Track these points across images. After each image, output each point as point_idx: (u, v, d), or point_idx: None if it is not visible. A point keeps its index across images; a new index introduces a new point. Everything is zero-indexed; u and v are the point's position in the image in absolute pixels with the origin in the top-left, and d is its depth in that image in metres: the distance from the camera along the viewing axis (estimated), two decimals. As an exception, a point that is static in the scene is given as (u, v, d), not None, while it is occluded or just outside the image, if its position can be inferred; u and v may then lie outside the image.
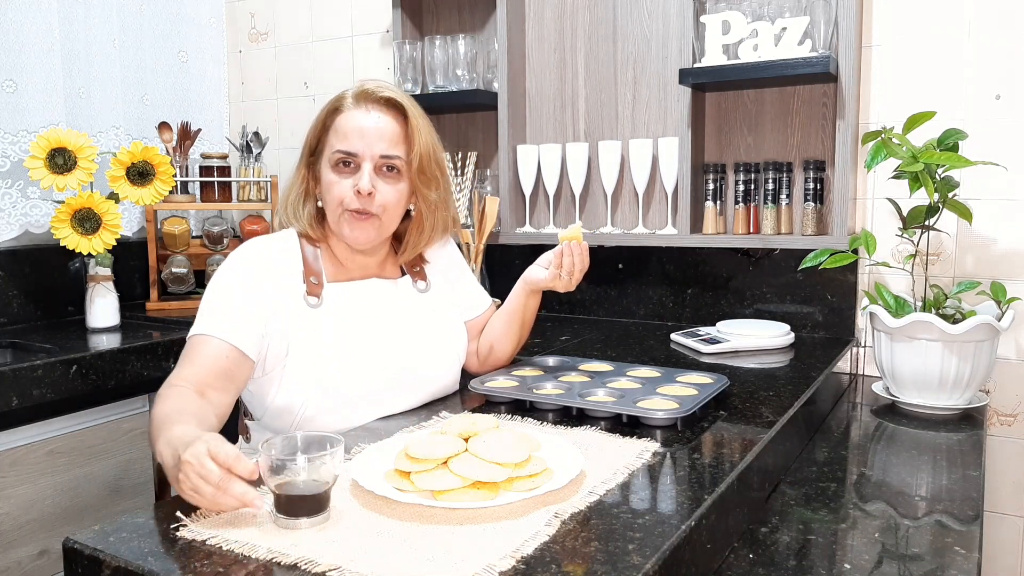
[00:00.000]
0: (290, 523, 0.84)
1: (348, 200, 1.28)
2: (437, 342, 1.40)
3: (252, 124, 2.63)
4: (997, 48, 1.74)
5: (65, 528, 1.75)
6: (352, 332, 1.30)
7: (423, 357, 1.37)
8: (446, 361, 1.41)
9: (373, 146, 1.27)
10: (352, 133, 1.27)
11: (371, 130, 1.27)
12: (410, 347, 1.35)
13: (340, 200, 1.28)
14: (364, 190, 1.26)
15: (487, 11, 2.25)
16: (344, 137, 1.28)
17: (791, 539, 1.07)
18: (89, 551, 0.81)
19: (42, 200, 2.17)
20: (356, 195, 1.27)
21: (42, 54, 2.11)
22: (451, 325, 1.45)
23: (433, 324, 1.41)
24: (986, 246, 1.79)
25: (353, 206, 1.28)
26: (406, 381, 1.34)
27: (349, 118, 1.28)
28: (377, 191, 1.28)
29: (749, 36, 1.80)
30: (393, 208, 1.31)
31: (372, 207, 1.28)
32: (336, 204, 1.29)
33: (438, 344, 1.40)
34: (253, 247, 1.31)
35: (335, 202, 1.29)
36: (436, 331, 1.41)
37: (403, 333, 1.35)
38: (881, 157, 1.58)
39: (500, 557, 0.77)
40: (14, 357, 1.87)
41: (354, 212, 1.28)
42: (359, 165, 1.28)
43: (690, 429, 1.18)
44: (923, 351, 1.56)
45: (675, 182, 2.00)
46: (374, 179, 1.28)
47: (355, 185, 1.27)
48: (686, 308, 2.12)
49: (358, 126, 1.27)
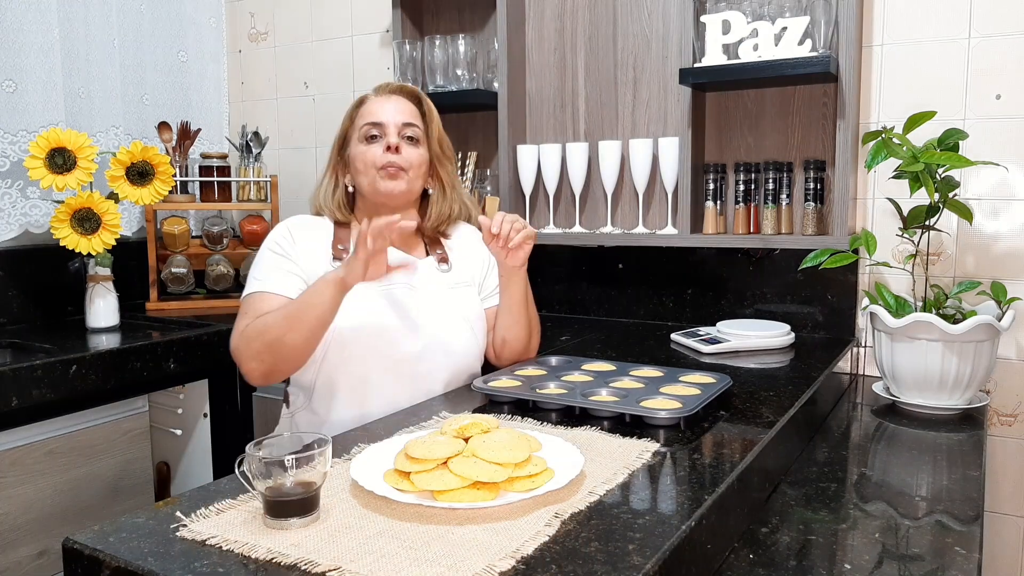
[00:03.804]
0: (280, 524, 0.84)
1: (379, 159, 1.46)
2: (456, 315, 1.50)
3: (252, 124, 2.63)
4: (997, 48, 1.74)
5: (65, 528, 1.75)
6: (372, 290, 1.41)
7: (442, 325, 1.47)
8: (464, 334, 1.49)
9: (395, 117, 1.49)
10: (378, 111, 1.49)
11: (392, 108, 1.50)
12: (428, 313, 1.46)
13: (373, 162, 1.46)
14: (393, 144, 1.46)
15: (487, 11, 2.25)
16: (371, 114, 1.49)
17: (791, 539, 1.07)
18: (89, 551, 0.81)
19: (42, 200, 2.17)
20: (386, 151, 1.45)
21: (42, 54, 2.11)
22: (470, 303, 1.53)
23: (452, 299, 1.51)
24: (986, 246, 1.79)
25: (384, 161, 1.45)
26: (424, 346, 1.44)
27: (373, 103, 1.51)
28: (403, 150, 1.47)
29: (749, 36, 1.80)
30: (416, 167, 1.49)
31: (401, 162, 1.46)
32: (369, 167, 1.46)
33: (456, 316, 1.49)
34: (286, 221, 1.52)
35: (368, 165, 1.47)
36: (455, 305, 1.50)
37: (421, 299, 1.47)
38: (881, 157, 1.58)
39: (500, 557, 0.77)
40: (14, 357, 1.87)
41: (386, 167, 1.45)
42: (385, 133, 1.47)
43: (691, 429, 1.18)
44: (923, 351, 1.56)
45: (675, 182, 2.00)
46: (399, 140, 1.47)
47: (385, 144, 1.46)
48: (686, 308, 2.12)
49: (382, 106, 1.50)
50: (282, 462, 0.86)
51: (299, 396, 1.49)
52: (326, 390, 1.43)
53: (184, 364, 1.91)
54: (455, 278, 1.54)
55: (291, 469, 0.86)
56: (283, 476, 0.85)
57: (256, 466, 0.86)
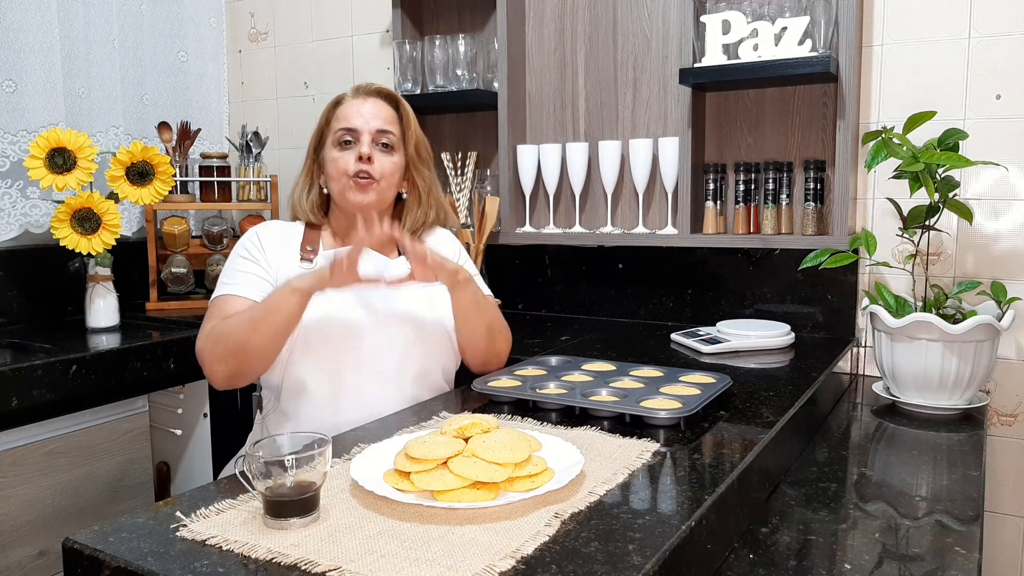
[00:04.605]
0: (280, 524, 0.84)
1: (351, 167, 1.43)
2: (425, 309, 1.46)
3: (252, 124, 2.63)
4: (997, 48, 1.74)
5: (65, 528, 1.75)
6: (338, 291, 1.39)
7: (409, 318, 1.45)
8: (431, 326, 1.46)
9: (370, 123, 1.46)
10: (353, 115, 1.46)
11: (368, 112, 1.47)
12: (396, 308, 1.44)
13: (344, 170, 1.44)
14: (364, 155, 1.43)
15: (487, 11, 2.25)
16: (346, 119, 1.47)
17: (791, 539, 1.07)
18: (89, 551, 0.81)
19: (42, 200, 2.17)
20: (357, 160, 1.43)
21: (42, 54, 2.11)
22: (443, 300, 1.45)
23: (425, 296, 1.47)
24: (986, 246, 1.79)
25: (355, 170, 1.43)
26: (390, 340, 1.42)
27: (349, 106, 1.48)
28: (375, 160, 1.44)
29: (749, 36, 1.80)
30: (389, 176, 1.47)
31: (373, 172, 1.43)
32: (340, 175, 1.44)
33: (425, 310, 1.46)
34: (257, 226, 1.52)
35: (340, 173, 1.44)
36: (428, 302, 1.47)
37: (394, 297, 1.44)
38: (881, 157, 1.58)
39: (500, 557, 0.77)
40: (14, 357, 1.87)
41: (356, 178, 1.43)
42: (359, 139, 1.45)
43: (691, 429, 1.18)
44: (923, 351, 1.56)
45: (675, 182, 2.00)
46: (373, 149, 1.45)
47: (356, 153, 1.44)
48: (686, 308, 2.12)
49: (357, 110, 1.47)
50: (282, 462, 0.86)
51: (270, 398, 1.48)
52: (294, 389, 1.41)
53: (184, 364, 1.90)
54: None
55: (291, 469, 0.86)
56: (283, 476, 0.85)
57: (256, 466, 0.86)
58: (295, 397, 1.41)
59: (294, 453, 0.87)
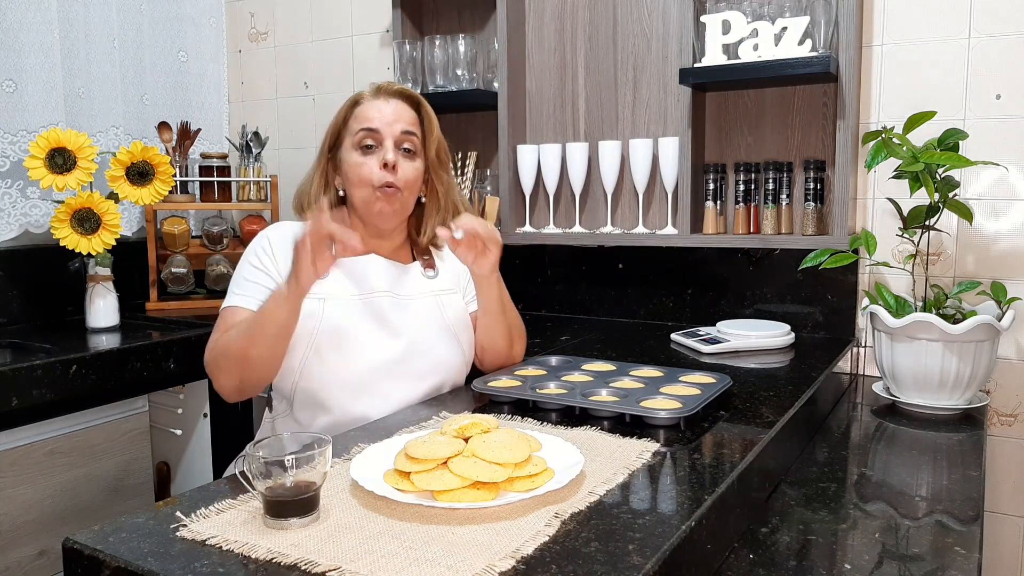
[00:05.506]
0: (280, 524, 0.84)
1: (377, 177, 1.39)
2: (438, 322, 1.45)
3: (252, 124, 2.63)
4: (997, 48, 1.74)
5: (65, 528, 1.75)
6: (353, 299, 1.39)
7: (423, 333, 1.42)
8: (445, 341, 1.45)
9: (393, 125, 1.41)
10: (374, 116, 1.41)
11: (390, 113, 1.42)
12: (409, 322, 1.42)
13: (369, 179, 1.39)
14: (390, 162, 1.38)
15: (487, 11, 2.25)
16: (367, 119, 1.41)
17: (791, 539, 1.07)
18: (89, 551, 0.81)
19: (42, 200, 2.17)
20: (382, 168, 1.38)
21: (42, 54, 2.11)
22: (455, 309, 1.49)
23: (436, 306, 1.46)
24: (986, 246, 1.79)
25: (382, 181, 1.38)
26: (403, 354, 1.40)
27: (369, 106, 1.43)
28: (399, 168, 1.40)
29: (749, 36, 1.80)
30: (412, 184, 1.43)
31: (397, 182, 1.39)
32: (365, 184, 1.40)
33: (439, 324, 1.45)
34: (269, 229, 1.46)
35: (364, 182, 1.40)
36: (438, 312, 1.47)
37: (404, 307, 1.43)
38: (881, 157, 1.58)
39: (500, 557, 0.77)
40: (14, 357, 1.87)
41: (384, 188, 1.39)
42: (381, 143, 1.40)
43: (691, 429, 1.18)
44: (923, 351, 1.56)
45: (675, 182, 2.00)
46: (396, 154, 1.40)
47: (381, 159, 1.39)
48: (686, 308, 2.12)
49: (379, 111, 1.42)
50: (282, 462, 0.86)
51: (281, 402, 1.46)
52: (306, 399, 1.39)
53: (184, 364, 1.90)
54: (440, 284, 1.50)
55: (291, 469, 0.86)
56: (283, 476, 0.85)
57: (256, 466, 0.86)
58: (308, 407, 1.39)
59: (294, 453, 0.87)
